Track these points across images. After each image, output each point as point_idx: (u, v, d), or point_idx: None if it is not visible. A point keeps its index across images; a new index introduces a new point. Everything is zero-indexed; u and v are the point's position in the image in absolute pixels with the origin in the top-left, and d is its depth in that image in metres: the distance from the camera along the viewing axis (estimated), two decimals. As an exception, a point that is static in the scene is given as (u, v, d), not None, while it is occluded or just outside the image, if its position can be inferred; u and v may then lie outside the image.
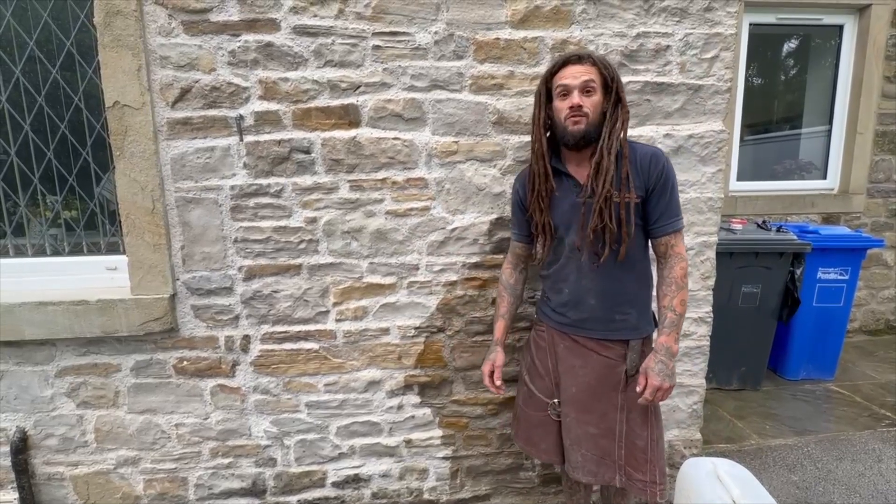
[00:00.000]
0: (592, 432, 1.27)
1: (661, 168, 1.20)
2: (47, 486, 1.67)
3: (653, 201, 1.22)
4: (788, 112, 3.59)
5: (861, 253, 2.65)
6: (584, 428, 1.28)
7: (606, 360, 1.26)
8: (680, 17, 1.54)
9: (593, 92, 1.17)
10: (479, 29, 1.50)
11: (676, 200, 1.23)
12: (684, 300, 1.21)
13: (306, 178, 1.54)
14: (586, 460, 1.28)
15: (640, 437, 1.25)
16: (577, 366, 1.29)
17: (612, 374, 1.25)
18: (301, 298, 1.61)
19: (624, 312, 1.26)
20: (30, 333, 1.52)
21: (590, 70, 1.17)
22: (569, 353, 1.31)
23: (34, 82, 1.59)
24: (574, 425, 1.30)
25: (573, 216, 1.24)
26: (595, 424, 1.27)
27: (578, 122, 1.17)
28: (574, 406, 1.30)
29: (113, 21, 1.41)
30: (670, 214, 1.22)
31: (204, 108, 1.48)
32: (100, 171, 1.66)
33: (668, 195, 1.21)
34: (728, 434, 2.23)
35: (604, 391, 1.26)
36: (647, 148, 1.24)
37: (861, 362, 3.02)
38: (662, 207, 1.21)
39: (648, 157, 1.21)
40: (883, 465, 1.98)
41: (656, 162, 1.20)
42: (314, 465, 1.72)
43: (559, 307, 1.33)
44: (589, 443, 1.28)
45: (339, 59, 1.48)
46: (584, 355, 1.29)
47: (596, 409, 1.27)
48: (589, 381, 1.27)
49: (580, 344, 1.29)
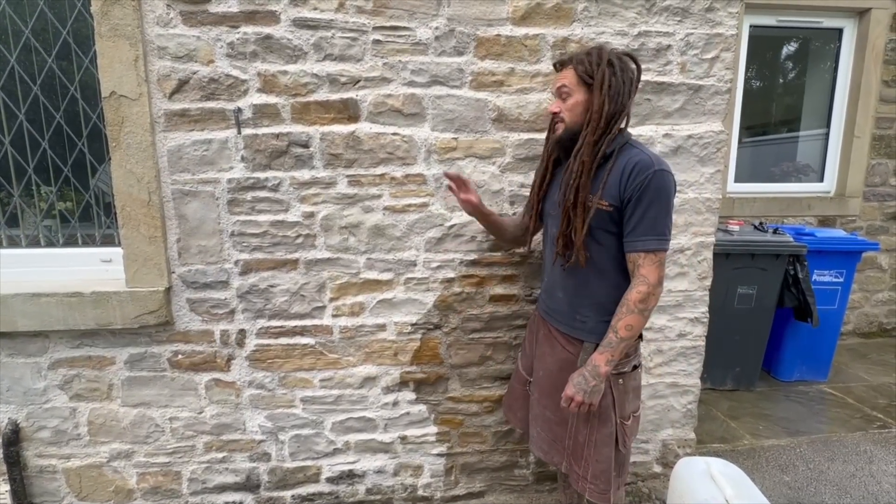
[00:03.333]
0: (549, 416, 1.32)
1: (642, 179, 1.10)
2: (39, 479, 1.66)
3: (626, 213, 1.14)
4: (787, 114, 3.59)
5: (856, 256, 2.67)
6: (542, 410, 1.35)
7: (567, 354, 1.28)
8: (681, 17, 1.54)
9: (569, 95, 1.18)
10: (481, 25, 1.49)
11: (657, 219, 1.11)
12: (632, 325, 1.13)
13: (304, 172, 1.53)
14: (540, 438, 1.36)
15: (580, 433, 1.26)
16: (547, 353, 1.34)
17: (570, 368, 1.26)
18: (297, 293, 1.60)
19: (584, 314, 1.25)
20: (23, 325, 1.51)
21: (565, 75, 1.19)
22: (544, 339, 1.37)
23: (30, 71, 1.57)
24: (535, 405, 1.38)
25: (555, 210, 1.27)
26: (552, 410, 1.31)
27: (557, 128, 1.23)
28: (538, 388, 1.36)
29: (110, 10, 1.39)
30: (641, 232, 1.12)
31: (202, 100, 1.47)
32: (95, 163, 1.64)
33: (643, 210, 1.11)
34: (722, 434, 2.24)
35: (562, 382, 1.27)
36: (639, 155, 1.13)
37: (854, 364, 3.04)
38: (634, 222, 1.12)
39: (632, 165, 1.11)
40: (874, 466, 1.99)
41: (639, 172, 1.10)
42: (309, 461, 1.72)
43: (543, 294, 1.41)
44: (545, 424, 1.34)
45: (339, 53, 1.47)
46: (552, 345, 1.33)
47: (554, 397, 1.28)
48: (552, 370, 1.32)
49: (552, 334, 1.33)
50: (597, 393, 1.16)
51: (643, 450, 1.82)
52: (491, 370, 1.72)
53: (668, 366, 1.76)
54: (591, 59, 1.15)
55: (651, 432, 1.81)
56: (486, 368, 1.72)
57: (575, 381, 1.18)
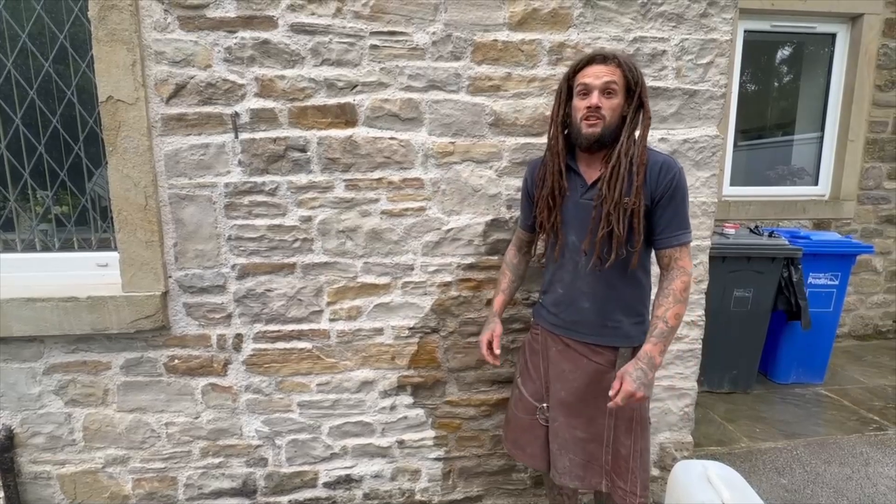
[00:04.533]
0: (580, 436, 1.27)
1: (670, 178, 1.16)
2: (34, 485, 1.64)
3: (658, 211, 1.18)
4: (781, 118, 3.62)
5: (851, 259, 2.69)
6: (571, 432, 1.28)
7: (597, 365, 1.26)
8: (676, 23, 1.55)
9: (614, 94, 1.14)
10: (477, 30, 1.50)
11: (685, 213, 1.19)
12: (679, 314, 1.16)
13: (302, 176, 1.53)
14: (573, 465, 1.28)
15: (623, 446, 1.24)
16: (568, 370, 1.29)
17: (602, 379, 1.25)
18: (295, 297, 1.60)
19: (615, 319, 1.24)
20: (17, 330, 1.50)
21: (613, 71, 1.13)
22: (560, 356, 1.31)
23: (26, 76, 1.57)
24: (562, 429, 1.30)
25: (576, 215, 1.24)
26: (583, 429, 1.27)
27: (594, 124, 1.15)
28: (563, 410, 1.29)
29: (107, 15, 1.39)
30: (676, 226, 1.18)
31: (199, 105, 1.47)
32: (92, 167, 1.64)
33: (676, 207, 1.18)
34: (719, 437, 2.25)
35: (592, 396, 1.26)
36: (660, 156, 1.20)
37: (850, 367, 3.06)
38: (668, 218, 1.18)
39: (659, 164, 1.17)
40: (870, 468, 2.00)
41: (667, 171, 1.17)
42: (306, 466, 1.71)
43: (552, 306, 1.33)
44: (577, 447, 1.28)
45: (337, 58, 1.48)
46: (574, 360, 1.28)
47: (584, 414, 1.26)
48: (578, 386, 1.27)
49: (571, 348, 1.29)
50: (651, 386, 1.18)
51: (641, 453, 1.82)
52: (488, 374, 1.72)
53: (665, 369, 1.77)
54: (633, 64, 1.15)
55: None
56: (484, 372, 1.72)
57: (633, 375, 1.12)
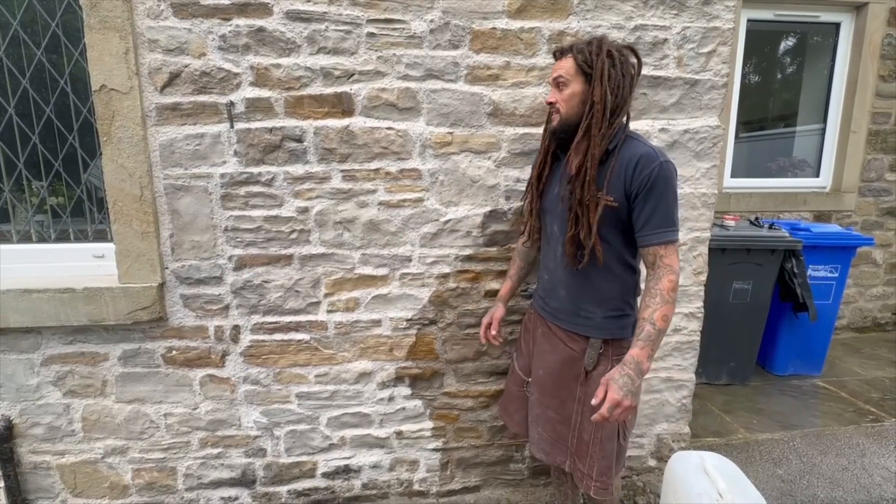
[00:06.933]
0: (551, 416, 1.31)
1: (648, 172, 1.09)
2: (34, 475, 1.65)
3: (636, 207, 1.12)
4: (784, 109, 3.59)
5: (851, 251, 2.68)
6: (543, 410, 1.33)
7: (571, 351, 1.27)
8: (678, 10, 1.53)
9: (565, 86, 1.16)
10: (476, 18, 1.47)
11: (668, 209, 1.11)
12: (667, 316, 1.10)
13: (298, 167, 1.52)
14: (541, 439, 1.34)
15: (586, 431, 1.25)
16: (547, 351, 1.33)
17: (574, 365, 1.27)
18: (292, 289, 1.59)
19: (588, 310, 1.24)
20: (15, 321, 1.49)
21: (563, 64, 1.17)
22: (543, 338, 1.35)
23: (18, 65, 1.55)
24: (535, 405, 1.35)
25: (556, 206, 1.26)
26: (555, 409, 1.30)
27: (552, 119, 1.22)
28: (538, 388, 1.35)
29: (100, 2, 1.37)
30: (656, 224, 1.11)
31: (194, 94, 1.45)
32: (87, 157, 1.62)
33: (656, 202, 1.10)
34: (716, 428, 2.25)
35: (565, 380, 1.28)
36: (641, 148, 1.13)
37: (848, 359, 3.06)
38: (647, 215, 1.11)
39: (637, 157, 1.11)
40: (866, 459, 2.01)
41: (644, 165, 1.09)
42: (304, 456, 1.72)
43: (541, 291, 1.38)
44: (547, 424, 1.32)
45: (333, 46, 1.46)
46: (553, 343, 1.32)
47: (557, 395, 1.29)
48: (553, 368, 1.31)
49: (552, 332, 1.32)
50: (639, 393, 1.16)
51: (638, 444, 1.83)
52: (486, 365, 1.72)
53: (663, 360, 1.77)
54: (591, 48, 1.13)
55: (646, 427, 1.82)
56: (482, 364, 1.72)
57: (619, 382, 1.06)
